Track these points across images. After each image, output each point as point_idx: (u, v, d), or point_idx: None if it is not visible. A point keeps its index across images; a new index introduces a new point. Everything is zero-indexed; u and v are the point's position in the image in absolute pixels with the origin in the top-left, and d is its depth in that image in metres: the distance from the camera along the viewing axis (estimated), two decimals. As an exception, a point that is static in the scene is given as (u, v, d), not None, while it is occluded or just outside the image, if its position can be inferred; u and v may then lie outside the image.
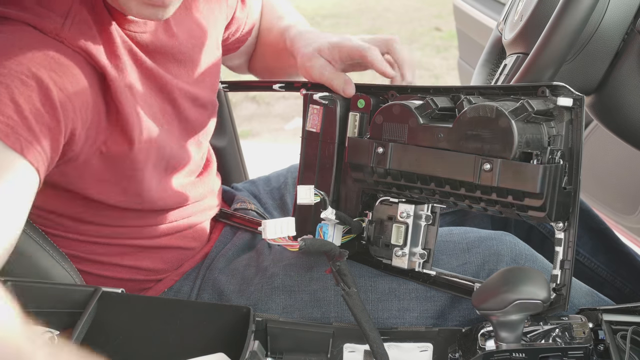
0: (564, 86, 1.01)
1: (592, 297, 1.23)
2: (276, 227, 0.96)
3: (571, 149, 1.01)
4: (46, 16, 1.03)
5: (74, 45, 1.04)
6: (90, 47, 1.06)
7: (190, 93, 1.24)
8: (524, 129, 0.98)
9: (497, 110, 0.98)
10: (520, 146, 0.97)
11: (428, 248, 1.14)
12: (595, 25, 1.21)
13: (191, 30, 1.25)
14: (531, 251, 1.22)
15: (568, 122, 1.01)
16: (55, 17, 1.04)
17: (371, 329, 1.01)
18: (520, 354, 0.98)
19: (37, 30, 1.03)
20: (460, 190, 1.03)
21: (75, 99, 1.02)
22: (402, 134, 1.08)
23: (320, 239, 1.10)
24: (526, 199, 0.98)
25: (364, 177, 1.13)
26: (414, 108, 1.07)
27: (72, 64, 1.03)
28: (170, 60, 1.21)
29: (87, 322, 0.98)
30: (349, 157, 1.14)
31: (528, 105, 0.98)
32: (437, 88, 1.12)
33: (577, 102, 1.00)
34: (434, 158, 1.05)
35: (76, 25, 1.05)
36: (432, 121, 1.07)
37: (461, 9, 2.74)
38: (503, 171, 0.98)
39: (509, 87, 1.06)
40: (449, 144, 1.03)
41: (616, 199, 2.01)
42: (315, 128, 1.22)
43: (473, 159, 1.00)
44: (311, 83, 1.26)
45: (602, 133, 1.89)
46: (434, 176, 1.05)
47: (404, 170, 1.08)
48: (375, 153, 1.10)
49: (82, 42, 1.05)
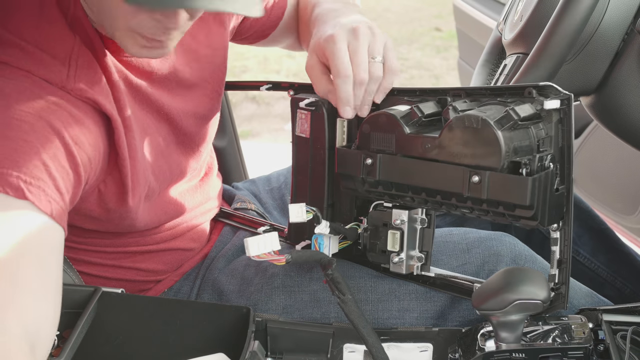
0: (550, 85, 0.99)
1: (591, 299, 1.23)
2: (259, 243, 0.94)
3: (562, 148, 0.99)
4: (49, 65, 1.00)
5: (81, 96, 1.01)
6: (97, 95, 1.02)
7: (190, 111, 1.22)
8: (511, 137, 0.96)
9: (483, 121, 0.95)
10: (508, 156, 0.95)
11: (425, 251, 1.14)
12: (595, 25, 1.21)
13: (189, 47, 1.22)
14: (531, 252, 1.22)
15: (557, 121, 0.99)
16: (59, 66, 1.00)
17: (369, 334, 1.01)
18: (520, 354, 0.98)
19: (43, 80, 0.99)
20: (451, 200, 1.02)
21: (90, 152, 1.01)
22: (389, 144, 1.06)
23: (307, 250, 1.09)
24: (517, 210, 0.97)
25: (355, 186, 1.11)
26: (399, 117, 1.05)
27: (83, 115, 1.01)
28: (169, 80, 1.18)
29: (87, 322, 0.98)
30: (339, 167, 1.13)
31: (514, 112, 0.95)
32: (423, 90, 1.11)
33: (564, 102, 0.98)
34: (422, 169, 1.03)
35: (80, 71, 1.02)
36: (419, 129, 1.05)
37: (461, 9, 2.74)
38: (492, 183, 0.96)
39: (495, 88, 1.05)
40: (437, 154, 1.01)
41: (616, 199, 2.01)
42: (305, 133, 1.20)
43: (462, 171, 0.98)
44: (298, 84, 1.24)
45: (602, 133, 1.90)
46: (424, 187, 1.04)
47: (394, 181, 1.07)
48: (364, 164, 1.08)
49: (89, 91, 1.02)
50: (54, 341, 0.94)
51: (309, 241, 1.17)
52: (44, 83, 0.99)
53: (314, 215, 1.09)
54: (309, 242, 1.19)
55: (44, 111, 0.96)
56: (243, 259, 1.29)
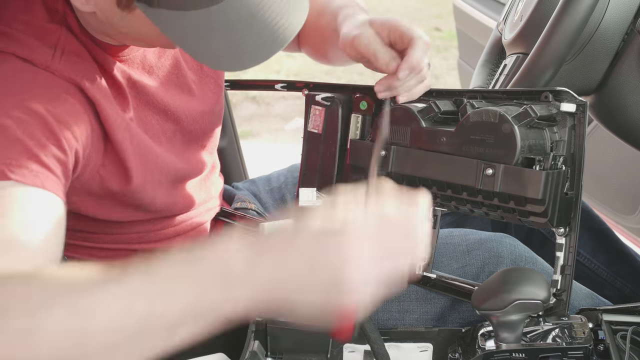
0: (567, 91, 1.00)
1: (592, 299, 1.23)
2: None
3: (573, 154, 1.01)
4: (35, 48, 1.00)
5: (65, 76, 1.01)
6: (81, 78, 1.02)
7: (194, 108, 1.22)
8: (527, 134, 0.97)
9: (501, 115, 0.97)
10: (522, 151, 0.97)
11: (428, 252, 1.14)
12: (595, 25, 1.21)
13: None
14: (531, 253, 1.22)
15: (571, 127, 1.00)
16: (45, 48, 1.00)
17: (372, 330, 1.01)
18: (520, 354, 0.98)
19: (27, 62, 0.99)
20: (462, 194, 1.03)
21: (74, 127, 1.00)
22: (404, 137, 1.08)
23: None
24: (528, 205, 0.98)
25: (365, 178, 1.12)
26: (416, 111, 1.07)
27: (66, 94, 1.00)
28: (171, 75, 1.18)
29: (87, 322, 0.97)
30: (351, 159, 1.14)
31: (531, 110, 0.97)
32: (440, 91, 1.12)
33: (580, 107, 1.00)
34: (436, 162, 1.04)
35: (66, 55, 1.01)
36: (434, 125, 1.07)
37: (461, 9, 2.74)
38: (505, 176, 0.97)
39: (512, 91, 1.06)
40: (452, 148, 1.03)
41: (616, 199, 2.01)
42: (317, 129, 1.21)
43: (475, 164, 1.00)
44: (313, 83, 1.25)
45: (602, 133, 1.89)
46: (436, 180, 1.05)
47: (406, 173, 1.07)
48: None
49: (73, 73, 1.01)
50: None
51: None
52: (29, 66, 0.99)
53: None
54: None
55: (21, 91, 0.96)
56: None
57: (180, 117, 1.19)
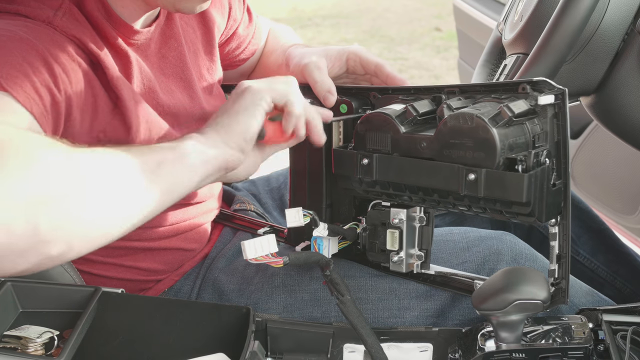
0: (544, 81, 0.98)
1: (592, 297, 1.23)
2: (256, 246, 0.94)
3: (557, 143, 0.99)
4: (38, 7, 1.04)
5: (67, 33, 1.05)
6: (83, 35, 1.06)
7: (193, 108, 1.23)
8: (506, 134, 0.95)
9: (477, 118, 0.95)
10: (503, 153, 0.95)
11: (424, 249, 1.14)
12: (595, 25, 1.21)
13: (191, 40, 1.26)
14: (531, 250, 1.22)
15: (552, 116, 0.99)
16: (47, 8, 1.05)
17: (368, 334, 1.01)
18: (520, 354, 0.98)
19: (29, 19, 1.03)
20: (448, 198, 1.02)
21: (70, 73, 1.02)
22: (385, 143, 1.06)
23: (305, 252, 1.09)
24: (514, 207, 0.97)
25: (352, 186, 1.12)
26: (395, 116, 1.05)
27: (67, 46, 1.04)
28: (176, 68, 1.21)
29: (87, 322, 0.98)
30: (336, 168, 1.13)
31: (508, 109, 0.95)
32: (418, 88, 1.11)
33: (558, 96, 0.98)
34: (418, 168, 1.03)
35: (68, 16, 1.06)
36: (414, 128, 1.05)
37: (461, 9, 2.74)
38: (488, 181, 0.96)
39: (489, 84, 1.05)
40: (433, 153, 1.01)
41: (616, 199, 2.01)
42: None
43: (457, 170, 0.98)
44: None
45: (602, 133, 1.90)
46: (421, 186, 1.04)
47: (391, 181, 1.07)
48: (361, 164, 1.08)
49: (75, 30, 1.05)
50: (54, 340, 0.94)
51: (309, 242, 1.17)
52: (30, 21, 1.03)
53: (311, 218, 1.09)
54: (308, 242, 1.19)
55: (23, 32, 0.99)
56: (243, 259, 1.29)
57: (180, 113, 1.20)
